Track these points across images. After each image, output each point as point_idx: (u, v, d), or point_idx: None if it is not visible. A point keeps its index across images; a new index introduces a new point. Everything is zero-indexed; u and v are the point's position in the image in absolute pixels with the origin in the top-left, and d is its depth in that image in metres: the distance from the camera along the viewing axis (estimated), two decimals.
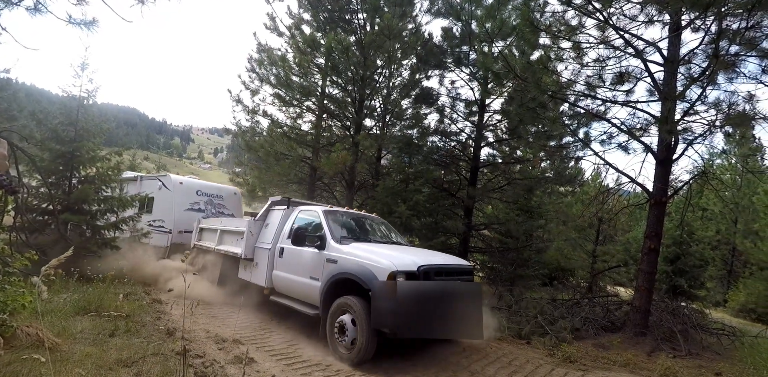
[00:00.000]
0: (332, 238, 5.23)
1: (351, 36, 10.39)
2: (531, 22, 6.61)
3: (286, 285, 5.78)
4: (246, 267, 6.67)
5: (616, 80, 7.01)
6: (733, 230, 18.84)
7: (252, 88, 11.07)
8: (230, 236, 7.13)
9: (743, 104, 6.13)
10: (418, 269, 4.38)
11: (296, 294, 5.59)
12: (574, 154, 10.09)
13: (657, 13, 6.23)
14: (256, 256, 6.43)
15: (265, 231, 6.50)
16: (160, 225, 9.64)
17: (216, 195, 10.70)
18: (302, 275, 5.39)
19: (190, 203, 10.00)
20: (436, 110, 11.14)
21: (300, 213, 6.19)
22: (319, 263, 5.11)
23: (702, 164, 8.32)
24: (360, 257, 4.69)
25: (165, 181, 9.98)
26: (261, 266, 6.21)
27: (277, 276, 5.91)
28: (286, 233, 6.01)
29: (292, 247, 5.64)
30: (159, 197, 10.00)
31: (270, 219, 6.59)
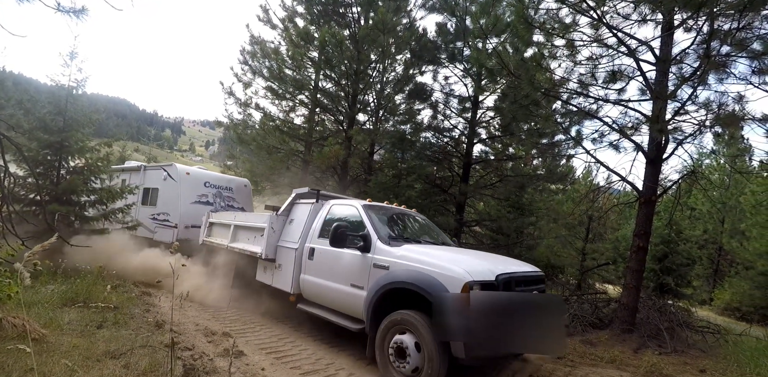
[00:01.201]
0: (379, 239, 4.41)
1: (345, 30, 10.33)
2: (525, 19, 6.62)
3: (318, 292, 4.96)
4: (266, 269, 5.87)
5: (609, 79, 7.06)
6: (719, 230, 19.19)
7: (244, 81, 10.99)
8: (247, 232, 6.38)
9: (733, 104, 6.22)
10: (497, 279, 3.63)
11: (332, 304, 4.78)
12: (565, 152, 10.18)
13: (650, 12, 6.26)
14: (278, 256, 5.62)
15: (289, 228, 5.69)
16: (164, 219, 9.00)
17: (225, 187, 9.87)
18: (340, 282, 4.58)
19: (198, 195, 9.21)
20: (430, 106, 11.15)
21: (333, 208, 5.35)
22: (364, 268, 4.33)
23: (691, 163, 8.44)
24: (420, 263, 3.86)
25: (170, 171, 9.21)
26: (285, 269, 5.42)
27: (307, 281, 5.08)
28: (317, 230, 5.23)
29: (325, 248, 4.87)
30: (164, 188, 9.28)
31: (294, 214, 5.78)
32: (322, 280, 4.84)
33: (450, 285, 3.51)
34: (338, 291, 4.59)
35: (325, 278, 4.81)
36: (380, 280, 4.04)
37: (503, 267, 3.92)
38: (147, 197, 9.68)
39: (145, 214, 9.51)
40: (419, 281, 3.70)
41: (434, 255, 4.04)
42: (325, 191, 6.25)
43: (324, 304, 4.92)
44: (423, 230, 5.55)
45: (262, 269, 6.00)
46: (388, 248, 4.25)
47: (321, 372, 4.00)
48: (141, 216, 9.43)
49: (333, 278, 4.71)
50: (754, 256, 14.06)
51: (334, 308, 4.77)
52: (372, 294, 4.06)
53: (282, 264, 5.53)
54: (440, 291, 3.50)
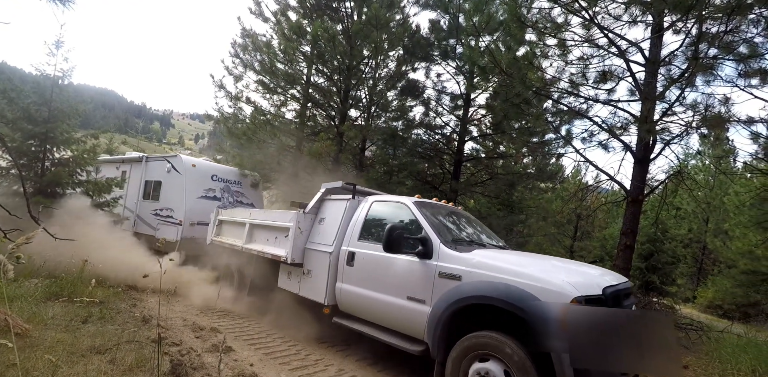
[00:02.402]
0: (442, 242, 3.71)
1: (338, 24, 10.25)
2: (518, 18, 6.64)
3: (361, 305, 4.25)
4: (291, 275, 5.16)
5: (599, 79, 7.14)
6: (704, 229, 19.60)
7: (235, 74, 10.84)
8: (266, 232, 5.61)
9: (719, 106, 6.37)
10: (604, 293, 3.01)
11: (380, 319, 4.07)
12: (555, 151, 10.31)
13: (641, 13, 6.34)
14: (307, 261, 4.89)
15: (319, 228, 4.96)
16: (168, 216, 8.28)
17: (234, 181, 9.17)
18: (392, 294, 3.88)
19: (204, 189, 8.47)
20: (422, 103, 11.17)
21: (375, 206, 4.63)
22: (425, 278, 3.62)
23: (678, 164, 8.61)
24: (506, 272, 3.15)
25: (175, 163, 8.47)
26: (317, 276, 4.70)
27: (346, 292, 4.37)
28: (356, 232, 4.50)
29: (370, 253, 4.22)
30: (167, 181, 8.54)
31: (325, 212, 5.04)
32: (367, 291, 4.13)
33: (553, 300, 2.84)
34: (389, 305, 3.88)
35: (371, 288, 4.10)
36: (451, 293, 3.34)
37: (608, 279, 3.33)
38: (149, 190, 8.95)
39: (146, 209, 8.90)
40: (510, 296, 2.98)
41: (519, 263, 3.39)
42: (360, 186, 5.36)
43: (369, 319, 4.19)
44: (479, 231, 4.78)
45: (285, 275, 5.26)
46: (456, 254, 3.55)
47: (310, 367, 4.00)
48: (142, 212, 8.92)
49: (382, 289, 3.99)
50: (736, 255, 14.39)
51: (382, 324, 4.04)
52: (440, 311, 3.35)
53: (312, 270, 4.79)
54: (541, 310, 2.80)
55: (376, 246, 4.11)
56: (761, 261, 12.69)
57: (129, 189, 9.42)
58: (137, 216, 8.99)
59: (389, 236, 3.69)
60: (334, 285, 4.52)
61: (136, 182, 9.25)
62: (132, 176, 9.51)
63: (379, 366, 4.26)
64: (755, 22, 5.56)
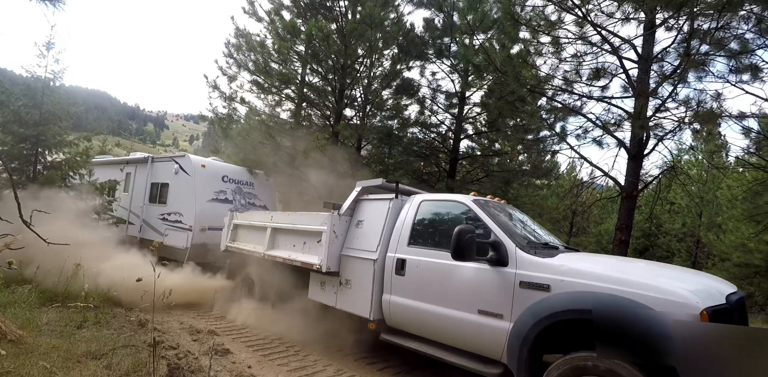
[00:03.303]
0: (518, 247, 3.23)
1: (332, 24, 10.21)
2: (512, 16, 6.66)
3: (417, 320, 3.74)
4: (325, 285, 4.62)
5: (593, 76, 7.18)
6: (697, 223, 19.77)
7: (229, 75, 10.78)
8: (292, 237, 5.06)
9: (711, 101, 6.44)
10: (728, 301, 2.62)
11: (444, 337, 3.55)
12: (550, 147, 10.35)
13: (633, 10, 6.37)
14: (345, 270, 4.37)
15: (357, 232, 4.42)
16: (176, 220, 7.70)
17: (246, 182, 8.63)
18: (458, 308, 3.38)
19: (215, 191, 7.90)
20: (417, 102, 11.17)
21: (424, 206, 4.10)
22: (502, 289, 3.13)
23: (671, 159, 8.68)
24: (608, 280, 2.68)
25: (183, 163, 7.91)
26: (359, 287, 4.19)
27: (396, 305, 3.86)
28: (404, 236, 3.99)
29: (425, 260, 3.72)
30: (175, 183, 7.97)
31: (364, 214, 4.49)
32: (424, 304, 3.62)
33: (677, 313, 2.38)
34: (455, 321, 3.38)
35: (430, 301, 3.60)
36: (539, 306, 2.85)
37: (723, 285, 2.94)
38: (155, 193, 8.34)
39: (153, 214, 8.29)
40: (622, 309, 2.49)
41: (620, 269, 2.97)
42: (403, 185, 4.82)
43: (427, 336, 3.70)
44: (542, 232, 4.25)
45: (317, 286, 4.74)
46: (539, 260, 3.07)
47: (309, 368, 4.00)
48: (148, 216, 8.37)
49: (444, 303, 3.49)
50: (729, 248, 14.53)
51: (445, 342, 3.54)
52: (526, 327, 2.85)
53: (352, 280, 4.26)
54: (664, 325, 2.32)
55: (432, 252, 3.70)
56: (754, 254, 12.82)
57: (134, 192, 8.87)
58: (143, 221, 8.42)
59: (459, 240, 3.14)
60: (380, 296, 4.00)
61: (142, 185, 8.65)
62: (137, 178, 8.93)
63: (378, 365, 4.27)
64: (746, 19, 5.62)
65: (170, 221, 7.84)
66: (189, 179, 7.73)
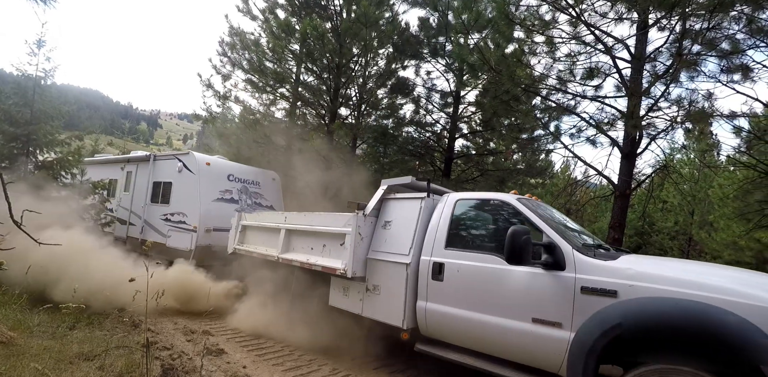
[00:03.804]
0: (575, 249, 3.01)
1: (327, 22, 10.20)
2: (506, 15, 6.68)
3: (458, 329, 3.46)
4: (348, 291, 4.31)
5: (586, 75, 7.22)
6: (689, 222, 19.98)
7: (223, 73, 10.74)
8: (310, 239, 4.75)
9: (702, 101, 6.51)
10: None
11: (490, 348, 3.28)
12: (545, 147, 10.40)
13: (626, 11, 6.42)
14: (373, 274, 4.07)
15: (385, 234, 4.13)
16: (180, 221, 7.39)
17: (252, 181, 8.26)
18: (508, 316, 3.14)
19: (221, 191, 7.61)
20: (412, 101, 11.19)
21: (460, 205, 3.85)
22: (561, 295, 2.90)
23: (663, 158, 8.76)
24: (687, 286, 2.48)
25: (186, 161, 7.59)
26: (389, 293, 3.88)
27: (433, 313, 3.60)
28: (441, 238, 3.73)
29: (468, 264, 3.45)
30: (179, 182, 7.65)
31: (391, 214, 4.21)
32: (467, 312, 3.37)
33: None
34: (505, 330, 3.12)
35: (473, 308, 3.34)
36: (606, 314, 2.63)
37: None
38: (157, 193, 8.01)
39: (155, 214, 7.96)
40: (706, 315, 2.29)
41: (699, 272, 2.75)
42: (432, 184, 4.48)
43: (470, 347, 3.43)
44: (583, 232, 3.95)
45: (339, 291, 4.41)
46: (601, 264, 2.85)
47: (304, 368, 3.99)
48: (150, 217, 8.06)
49: (491, 310, 3.23)
50: (721, 246, 14.70)
51: (493, 353, 3.27)
52: (591, 337, 2.62)
53: (381, 286, 3.98)
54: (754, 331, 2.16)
55: (475, 255, 3.46)
56: (744, 251, 12.97)
57: (135, 192, 8.56)
58: (145, 222, 8.09)
59: (514, 242, 2.90)
60: (413, 304, 3.74)
61: (144, 184, 8.34)
62: (138, 177, 8.61)
63: (373, 364, 4.27)
64: (737, 19, 5.67)
65: (173, 221, 7.54)
66: (193, 177, 7.41)
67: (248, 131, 10.39)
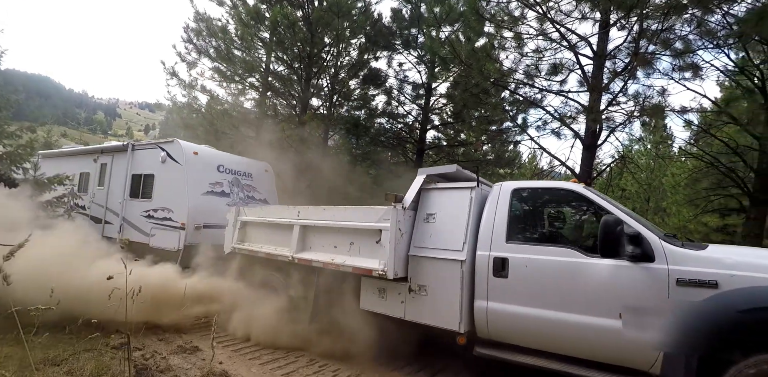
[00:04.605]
0: (662, 239, 2.89)
1: (298, 10, 9.95)
2: (477, 11, 6.76)
3: (529, 329, 3.21)
4: (386, 293, 3.90)
5: (551, 71, 7.48)
6: (645, 208, 21.26)
7: (189, 61, 10.33)
8: (333, 236, 4.26)
9: (657, 97, 6.98)
10: None
11: (569, 348, 3.05)
12: (513, 138, 10.73)
13: (590, 10, 6.69)
14: (418, 274, 3.70)
15: (428, 228, 3.77)
16: (165, 218, 6.71)
17: (244, 173, 7.64)
18: (591, 313, 2.93)
19: (210, 183, 6.93)
20: (384, 92, 11.20)
21: (517, 194, 3.60)
22: (653, 288, 2.74)
23: (622, 149, 9.28)
24: None
25: (171, 150, 6.91)
26: (440, 293, 3.54)
27: (497, 313, 3.32)
28: (500, 231, 3.45)
29: (538, 258, 3.21)
30: (162, 174, 6.95)
31: (434, 206, 3.84)
32: (540, 310, 3.12)
33: None
34: (588, 328, 2.91)
35: (547, 306, 3.10)
36: (711, 305, 2.54)
37: None
38: (137, 187, 7.28)
39: (135, 210, 7.22)
40: None
41: None
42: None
43: (543, 348, 3.18)
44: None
45: (373, 294, 4.01)
46: (695, 254, 2.75)
47: (281, 360, 4.03)
48: (130, 213, 7.32)
49: (570, 307, 3.01)
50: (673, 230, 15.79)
51: (572, 353, 3.04)
52: (694, 331, 2.57)
53: (428, 286, 3.62)
54: None
55: (545, 249, 3.25)
56: (693, 235, 14.03)
57: (111, 186, 7.75)
58: (123, 220, 7.38)
59: (607, 234, 2.78)
60: (470, 304, 3.42)
61: (121, 177, 7.56)
62: (114, 170, 7.81)
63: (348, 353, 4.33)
64: (689, 21, 6.04)
65: (157, 218, 6.85)
66: (180, 168, 6.69)
67: (216, 122, 10.08)
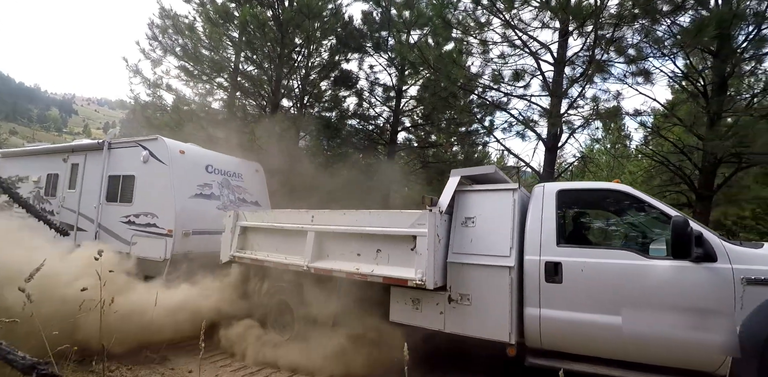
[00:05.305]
0: (721, 239, 2.93)
1: (268, 10, 9.85)
2: (443, 18, 6.99)
3: (587, 335, 3.07)
4: (421, 304, 3.64)
5: (515, 76, 7.83)
6: None
7: (153, 59, 10.02)
8: (355, 243, 3.91)
9: (612, 100, 7.51)
10: None
11: (631, 353, 2.96)
12: (480, 140, 11.12)
13: (550, 19, 7.05)
14: (458, 282, 3.47)
15: (468, 232, 3.55)
16: (149, 224, 6.07)
17: (234, 173, 7.06)
18: (651, 316, 2.94)
19: (199, 185, 6.33)
20: (355, 94, 11.28)
21: (564, 196, 3.48)
22: (719, 288, 2.76)
23: (582, 150, 9.81)
24: None
25: (154, 148, 6.26)
26: (487, 303, 3.33)
27: (554, 321, 3.16)
28: (550, 234, 3.32)
29: (596, 261, 3.10)
30: (144, 175, 6.31)
31: (472, 209, 3.63)
32: (599, 316, 3.01)
33: None
34: (652, 332, 2.91)
35: (607, 311, 3.00)
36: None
37: None
38: (115, 189, 6.59)
39: (113, 216, 6.54)
40: None
41: None
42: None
43: (602, 355, 3.07)
44: None
45: (406, 305, 3.72)
46: (756, 252, 2.80)
47: (252, 366, 4.00)
48: (107, 219, 6.62)
49: (631, 311, 2.99)
50: None
51: (633, 359, 2.97)
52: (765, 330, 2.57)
53: (472, 295, 3.40)
54: None
55: (601, 252, 3.16)
56: None
57: (84, 189, 7.04)
58: (99, 226, 6.74)
59: (680, 235, 2.74)
60: (519, 312, 3.26)
61: (95, 179, 6.85)
62: (88, 171, 7.10)
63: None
64: (639, 31, 6.51)
65: (139, 224, 6.20)
66: (164, 169, 6.06)
67: (183, 123, 9.83)
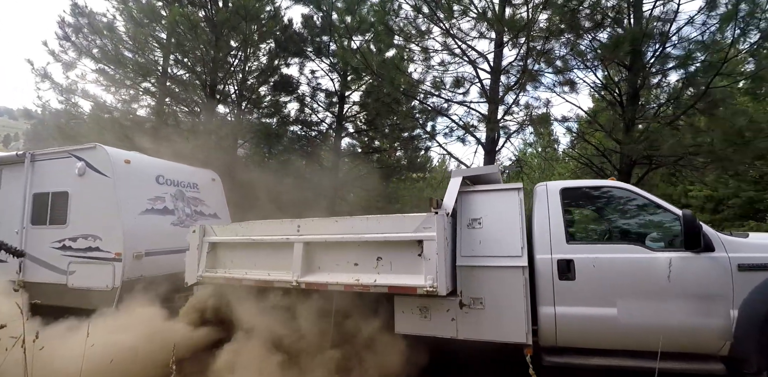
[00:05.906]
0: (716, 231, 3.21)
1: (200, 11, 9.33)
2: (385, 25, 7.11)
3: (602, 329, 3.17)
4: (430, 311, 3.50)
5: (455, 83, 8.18)
6: None
7: (65, 61, 9.00)
8: (351, 253, 3.57)
9: (543, 107, 8.06)
10: None
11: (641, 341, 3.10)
12: (423, 145, 11.45)
13: (486, 30, 7.48)
14: (469, 286, 3.38)
15: (475, 234, 3.49)
16: (89, 248, 5.21)
17: (188, 184, 6.34)
18: (661, 304, 3.13)
19: (149, 199, 5.60)
20: (296, 99, 11.06)
21: (568, 194, 3.57)
22: (718, 275, 3.00)
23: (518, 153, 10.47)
24: None
25: (92, 159, 5.37)
26: (501, 305, 3.28)
27: (569, 317, 3.21)
28: (558, 231, 3.39)
29: (606, 257, 3.20)
30: (81, 191, 5.40)
31: (478, 210, 3.58)
32: (611, 309, 3.14)
33: None
34: (662, 320, 3.10)
35: (622, 304, 3.17)
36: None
37: None
38: (43, 210, 5.65)
39: (42, 241, 5.55)
40: None
41: None
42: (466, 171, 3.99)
43: (615, 346, 3.20)
44: None
45: (413, 314, 3.53)
46: (745, 242, 3.13)
47: None
48: (34, 246, 5.60)
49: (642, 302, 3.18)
50: None
51: (645, 348, 3.07)
52: (762, 309, 2.86)
53: (485, 298, 3.33)
54: None
55: (609, 247, 3.31)
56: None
57: (1, 210, 5.93)
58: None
59: (691, 228, 2.95)
60: (529, 311, 3.23)
61: (16, 198, 5.79)
62: (5, 188, 6.01)
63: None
64: (565, 44, 7.13)
65: (78, 249, 5.35)
66: (107, 181, 5.26)
67: (104, 132, 8.92)
